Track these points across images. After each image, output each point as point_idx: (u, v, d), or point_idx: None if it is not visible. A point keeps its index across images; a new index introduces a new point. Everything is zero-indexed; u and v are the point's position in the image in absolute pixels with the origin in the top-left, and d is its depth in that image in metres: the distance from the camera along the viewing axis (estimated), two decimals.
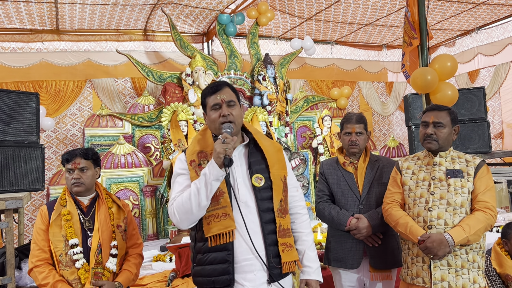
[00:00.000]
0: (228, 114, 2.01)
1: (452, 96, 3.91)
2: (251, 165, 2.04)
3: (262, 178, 2.02)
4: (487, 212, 2.29)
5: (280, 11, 7.33)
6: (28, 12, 6.06)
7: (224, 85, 2.09)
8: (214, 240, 1.92)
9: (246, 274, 1.93)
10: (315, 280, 2.08)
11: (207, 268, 1.95)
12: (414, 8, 4.03)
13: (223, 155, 1.84)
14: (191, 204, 1.89)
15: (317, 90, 8.99)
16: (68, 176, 2.47)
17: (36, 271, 2.37)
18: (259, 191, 2.00)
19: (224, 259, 1.92)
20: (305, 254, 2.10)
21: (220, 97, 2.03)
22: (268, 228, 1.98)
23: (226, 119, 2.00)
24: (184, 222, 1.95)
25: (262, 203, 1.99)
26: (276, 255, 1.97)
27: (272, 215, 2.00)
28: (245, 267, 1.93)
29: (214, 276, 1.93)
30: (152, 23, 7.17)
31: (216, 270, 1.93)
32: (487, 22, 8.25)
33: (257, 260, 1.93)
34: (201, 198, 1.88)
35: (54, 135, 6.83)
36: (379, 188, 2.77)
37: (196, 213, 1.91)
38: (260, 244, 1.95)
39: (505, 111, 8.39)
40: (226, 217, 1.92)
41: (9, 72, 6.49)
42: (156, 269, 4.18)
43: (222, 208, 1.94)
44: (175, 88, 6.57)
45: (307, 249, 2.11)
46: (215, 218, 1.93)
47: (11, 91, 3.94)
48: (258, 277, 1.94)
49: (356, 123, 2.84)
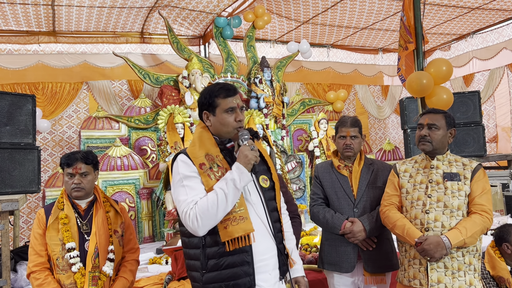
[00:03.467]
0: (243, 119, 2.06)
1: (448, 100, 3.94)
2: (255, 167, 2.00)
3: (267, 179, 2.09)
4: (483, 215, 2.32)
5: (277, 14, 7.36)
6: (24, 14, 6.05)
7: (237, 89, 2.11)
8: (232, 244, 1.90)
9: (263, 274, 1.95)
10: (302, 276, 2.18)
11: (225, 272, 1.91)
12: (410, 13, 4.07)
13: (253, 161, 1.91)
14: (218, 210, 1.85)
15: (313, 93, 9.02)
16: (68, 180, 2.44)
17: (32, 277, 2.36)
18: (265, 191, 2.05)
19: (244, 261, 1.91)
20: (293, 252, 2.17)
21: (236, 101, 2.04)
22: (276, 227, 2.04)
23: (241, 124, 2.03)
24: (206, 227, 1.88)
25: (270, 203, 2.05)
26: (283, 253, 2.05)
27: (277, 214, 2.07)
28: (261, 268, 1.95)
29: (233, 279, 1.90)
30: (149, 26, 7.17)
31: (236, 273, 1.90)
32: (482, 26, 8.31)
33: (271, 259, 1.98)
34: (228, 204, 1.87)
35: (50, 137, 6.80)
36: (373, 191, 2.78)
37: (219, 219, 1.89)
38: (272, 244, 2.01)
39: (499, 115, 8.44)
40: (244, 220, 1.91)
41: (5, 74, 6.46)
42: (152, 272, 4.16)
43: (239, 211, 1.93)
44: (172, 90, 6.56)
45: (293, 247, 2.20)
46: (233, 222, 1.90)
47: (7, 93, 3.93)
48: (273, 276, 1.99)
49: (350, 126, 2.84)
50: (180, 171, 1.97)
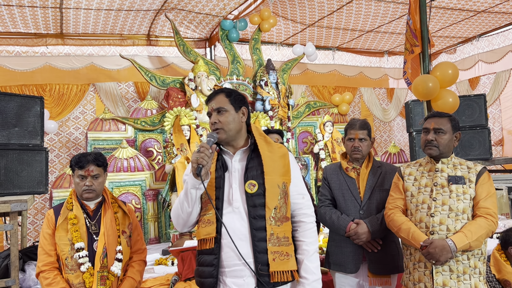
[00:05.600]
0: (214, 122, 2.02)
1: (453, 103, 3.94)
2: (247, 171, 2.02)
3: (256, 185, 1.98)
4: (488, 218, 2.32)
5: (283, 17, 7.38)
6: (33, 16, 6.11)
7: (218, 92, 2.09)
8: (201, 244, 2.01)
9: (237, 278, 1.95)
10: None
11: (199, 269, 2.03)
12: (416, 16, 4.07)
13: (195, 164, 1.86)
14: (180, 210, 2.02)
15: (318, 96, 9.03)
16: (80, 182, 2.46)
17: (41, 276, 2.40)
18: (251, 197, 1.97)
19: (211, 263, 1.97)
20: (303, 264, 2.00)
21: (210, 105, 2.07)
22: (259, 235, 1.94)
23: (213, 127, 2.03)
24: (178, 226, 2.09)
25: (254, 210, 1.97)
26: (266, 263, 1.92)
27: (263, 223, 1.96)
28: (235, 272, 1.95)
29: (203, 277, 2.00)
30: (155, 28, 7.22)
31: (205, 272, 1.99)
32: (488, 29, 8.29)
33: (245, 266, 1.93)
34: (184, 205, 1.99)
35: (57, 138, 6.86)
36: (380, 194, 2.79)
37: (185, 218, 2.02)
38: (248, 251, 1.94)
39: (505, 118, 8.42)
40: (210, 224, 1.98)
41: (13, 76, 6.52)
42: (158, 273, 4.19)
43: (208, 214, 2.00)
44: (178, 92, 6.60)
45: (305, 259, 2.00)
46: (202, 224, 2.02)
47: (16, 94, 3.98)
48: (247, 283, 1.93)
49: (359, 129, 2.87)
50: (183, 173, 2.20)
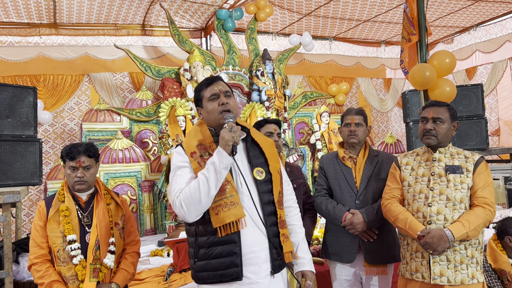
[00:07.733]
0: (226, 103, 2.03)
1: (451, 92, 3.91)
2: (251, 159, 2.06)
3: (263, 172, 2.05)
4: (486, 208, 2.30)
5: (279, 6, 7.31)
6: (25, 6, 6.02)
7: (219, 78, 2.13)
8: (224, 229, 1.91)
9: (252, 266, 1.93)
10: (310, 270, 2.11)
11: (213, 262, 1.93)
12: (413, 4, 4.03)
13: (231, 142, 1.87)
14: (200, 194, 1.86)
15: (315, 86, 8.99)
16: (71, 173, 2.41)
17: (33, 269, 2.36)
18: (260, 184, 2.02)
19: (232, 252, 1.91)
20: (299, 246, 2.13)
21: (217, 87, 2.06)
22: (270, 220, 2.00)
23: (225, 108, 2.02)
24: (192, 213, 1.91)
25: (264, 196, 2.02)
26: (277, 247, 1.99)
27: (273, 207, 2.02)
28: (251, 260, 1.93)
29: (221, 269, 1.92)
30: (150, 18, 7.14)
31: (224, 264, 1.91)
32: (485, 19, 8.25)
33: (262, 252, 1.95)
34: (210, 187, 1.86)
35: (52, 129, 6.80)
36: (376, 183, 2.78)
37: (204, 203, 1.89)
38: (263, 237, 1.97)
39: (501, 108, 8.41)
40: (235, 205, 1.92)
41: (6, 66, 6.45)
42: (154, 264, 4.17)
43: (230, 196, 1.93)
44: (173, 83, 6.55)
45: (300, 241, 2.15)
46: (224, 208, 1.91)
47: (8, 85, 3.92)
48: (263, 269, 1.95)
49: (355, 114, 2.89)
50: (174, 162, 2.05)
